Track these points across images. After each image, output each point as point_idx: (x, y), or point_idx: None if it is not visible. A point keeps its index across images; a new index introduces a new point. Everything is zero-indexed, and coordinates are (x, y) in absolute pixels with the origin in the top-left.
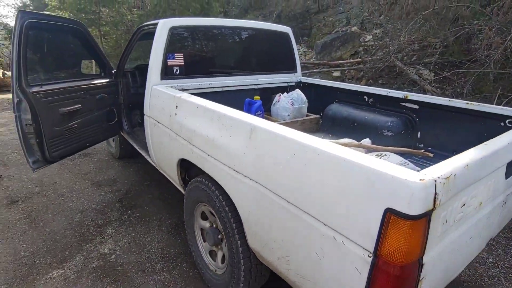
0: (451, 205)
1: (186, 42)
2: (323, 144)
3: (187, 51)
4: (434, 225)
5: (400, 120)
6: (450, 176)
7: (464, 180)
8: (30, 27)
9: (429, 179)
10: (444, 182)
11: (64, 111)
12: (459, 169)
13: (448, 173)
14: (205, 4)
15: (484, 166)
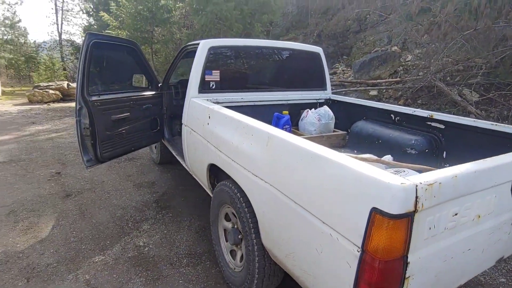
0: (439, 212)
1: (222, 60)
2: (323, 151)
3: (223, 68)
4: (419, 227)
5: (425, 138)
6: (434, 184)
7: (453, 189)
8: (94, 46)
9: (409, 184)
10: (427, 188)
11: (115, 118)
12: (446, 178)
13: (432, 180)
14: (247, 24)
15: (478, 180)
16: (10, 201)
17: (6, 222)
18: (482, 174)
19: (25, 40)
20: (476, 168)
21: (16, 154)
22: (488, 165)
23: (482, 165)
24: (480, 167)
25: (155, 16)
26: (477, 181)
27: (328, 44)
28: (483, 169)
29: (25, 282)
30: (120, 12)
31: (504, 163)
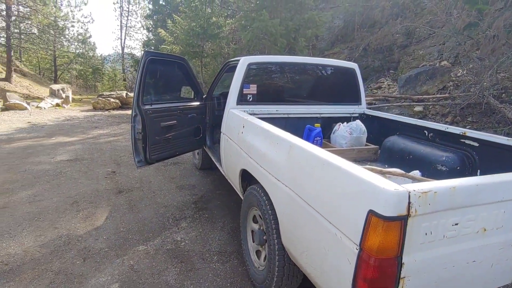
0: (436, 219)
1: (260, 75)
2: (333, 159)
3: (260, 82)
4: (414, 231)
5: (457, 156)
6: (428, 192)
7: (451, 200)
8: (150, 62)
9: (402, 190)
10: (420, 195)
11: (164, 125)
12: (443, 189)
13: (427, 189)
14: (291, 39)
15: (481, 193)
16: (74, 193)
17: (70, 211)
18: (485, 188)
19: (93, 54)
20: (478, 182)
21: (80, 154)
22: (492, 180)
23: (485, 180)
24: (483, 181)
25: (206, 32)
26: (480, 195)
27: (374, 58)
28: (487, 183)
29: (82, 261)
30: (175, 29)
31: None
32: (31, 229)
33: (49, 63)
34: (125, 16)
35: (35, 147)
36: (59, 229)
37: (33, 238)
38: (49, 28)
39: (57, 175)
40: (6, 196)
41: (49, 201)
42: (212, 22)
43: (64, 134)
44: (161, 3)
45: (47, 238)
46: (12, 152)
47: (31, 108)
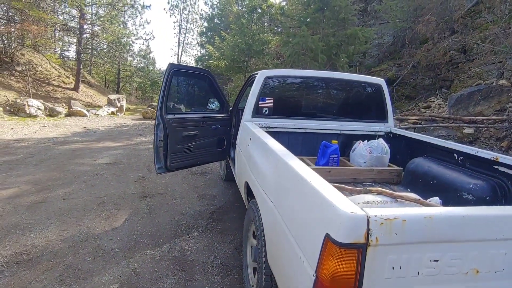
0: (407, 253)
1: (277, 88)
2: (308, 174)
3: (278, 96)
4: (376, 263)
5: (487, 184)
6: (394, 220)
7: (426, 231)
8: (174, 74)
9: (360, 214)
10: (383, 222)
11: (185, 134)
12: (415, 217)
13: (392, 215)
14: (332, 55)
15: (470, 228)
16: (104, 194)
17: (96, 210)
18: (476, 222)
19: (153, 68)
20: (466, 214)
21: (119, 158)
22: (486, 213)
23: (477, 211)
24: (474, 213)
25: (251, 48)
26: (468, 229)
27: (424, 76)
28: (477, 216)
29: (92, 259)
30: (221, 45)
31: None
32: (58, 223)
33: (113, 75)
34: (183, 34)
35: (83, 149)
36: (81, 226)
37: (57, 232)
38: (113, 45)
39: (94, 176)
40: (46, 192)
41: (80, 199)
42: (257, 38)
43: (111, 139)
44: (216, 21)
45: (69, 233)
46: (63, 153)
47: (89, 115)
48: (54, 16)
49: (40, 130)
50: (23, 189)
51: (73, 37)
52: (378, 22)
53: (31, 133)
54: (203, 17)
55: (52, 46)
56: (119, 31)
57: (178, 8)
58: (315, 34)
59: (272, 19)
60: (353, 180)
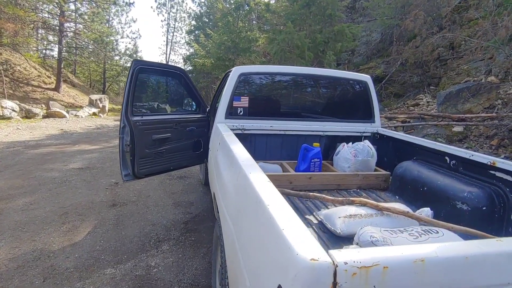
0: None
1: (253, 86)
2: (267, 194)
3: (254, 95)
4: None
5: (483, 192)
6: (371, 267)
7: (416, 281)
8: (140, 71)
9: (323, 261)
10: (356, 272)
11: (156, 137)
12: (401, 262)
13: (369, 261)
14: (319, 52)
15: (476, 270)
16: (69, 203)
17: (56, 222)
18: (483, 263)
19: None
20: (471, 252)
21: (93, 163)
22: (500, 250)
23: (485, 247)
24: (481, 250)
25: (237, 46)
26: (474, 273)
27: (413, 73)
28: (487, 254)
29: (41, 281)
30: (207, 43)
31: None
32: (10, 239)
33: (99, 75)
34: (171, 33)
35: (55, 153)
36: (36, 242)
37: (7, 250)
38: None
39: (61, 184)
40: (4, 203)
41: (41, 210)
42: (243, 36)
43: (88, 142)
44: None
45: (20, 251)
46: (32, 158)
47: (69, 116)
48: (33, 14)
49: (13, 133)
50: None
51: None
52: (366, 20)
53: (2, 137)
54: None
55: (32, 44)
56: (102, 29)
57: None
58: (301, 31)
59: (260, 17)
60: (336, 186)
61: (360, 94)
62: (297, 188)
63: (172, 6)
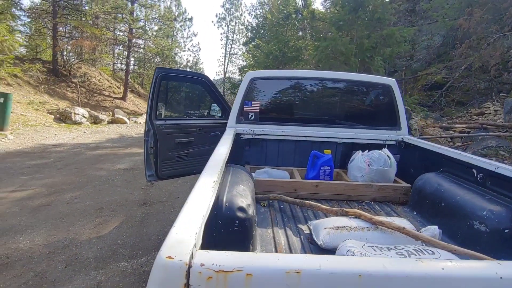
0: None
1: (266, 91)
2: (196, 194)
3: (266, 99)
4: None
5: (507, 211)
6: (232, 272)
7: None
8: (162, 78)
9: (177, 260)
10: (213, 276)
11: (179, 141)
12: (270, 270)
13: (232, 265)
14: (366, 58)
15: None
16: (106, 200)
17: (91, 216)
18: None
19: None
20: (365, 270)
21: (137, 164)
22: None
23: (393, 265)
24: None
25: (285, 54)
26: None
27: (479, 79)
28: (390, 274)
29: (63, 267)
30: (255, 52)
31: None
32: (50, 228)
33: None
34: (229, 45)
35: (108, 155)
36: (70, 232)
37: (45, 237)
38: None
39: (105, 182)
40: (55, 196)
41: (82, 204)
42: (292, 45)
43: (139, 145)
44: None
45: (55, 238)
46: (88, 158)
47: (129, 122)
48: (107, 32)
49: (79, 136)
50: (37, 191)
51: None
52: (427, 22)
53: (70, 139)
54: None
55: (106, 59)
56: (164, 43)
57: (225, 20)
58: (349, 37)
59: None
60: (347, 197)
61: (383, 99)
62: (303, 196)
63: (231, 19)
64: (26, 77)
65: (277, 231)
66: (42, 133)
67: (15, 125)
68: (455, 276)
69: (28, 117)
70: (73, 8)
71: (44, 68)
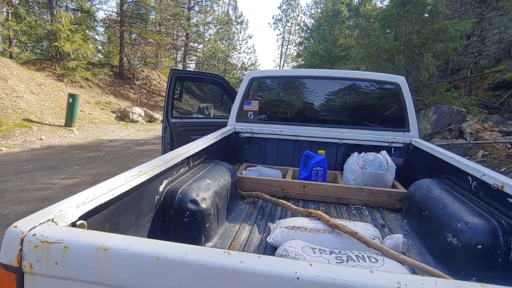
0: None
1: (266, 90)
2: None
3: (266, 99)
4: None
5: (483, 225)
6: (53, 243)
7: (97, 269)
8: (177, 79)
9: (17, 229)
10: (38, 245)
11: (194, 138)
12: (83, 245)
13: (54, 238)
14: (415, 55)
15: (167, 275)
16: None
17: None
18: (177, 270)
19: None
20: (163, 254)
21: None
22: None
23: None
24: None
25: (332, 54)
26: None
27: None
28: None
29: None
30: (302, 52)
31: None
32: None
33: None
34: (285, 46)
35: (152, 151)
36: None
37: None
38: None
39: None
40: None
41: None
42: (339, 44)
43: None
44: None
45: None
46: (134, 153)
47: None
48: (167, 37)
49: (133, 133)
50: (83, 180)
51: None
52: (498, 14)
53: (125, 135)
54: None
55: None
56: (217, 46)
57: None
58: (395, 33)
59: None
60: (335, 200)
61: (390, 98)
62: (290, 196)
63: (287, 20)
64: (96, 80)
65: (244, 227)
66: (102, 130)
67: (82, 122)
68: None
69: (94, 115)
70: (138, 17)
71: (111, 72)
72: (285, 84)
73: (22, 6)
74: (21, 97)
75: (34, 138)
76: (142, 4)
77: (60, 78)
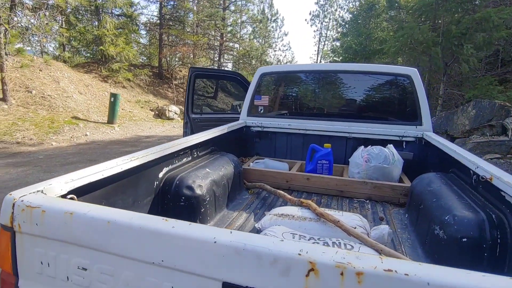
0: (52, 250)
1: (276, 85)
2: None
3: (276, 94)
4: (25, 253)
5: (470, 218)
6: (34, 208)
7: (66, 229)
8: (196, 76)
9: (12, 196)
10: (24, 209)
11: None
12: (55, 209)
13: (35, 203)
14: (453, 47)
15: (115, 237)
16: None
17: None
18: (126, 233)
19: None
20: (113, 218)
21: None
22: (137, 223)
23: (120, 217)
24: (119, 219)
25: (366, 48)
26: (117, 240)
27: None
28: (125, 224)
29: None
30: (335, 48)
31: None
32: None
33: None
34: (322, 42)
35: None
36: None
37: None
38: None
39: None
40: None
41: None
42: (375, 38)
43: None
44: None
45: None
46: None
47: None
48: (203, 37)
49: (168, 130)
50: None
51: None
52: None
53: (160, 132)
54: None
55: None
56: (251, 44)
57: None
58: (431, 23)
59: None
60: (338, 193)
61: (402, 91)
62: (294, 188)
63: (325, 15)
64: (137, 80)
65: (241, 214)
66: (140, 126)
67: (123, 119)
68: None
69: (134, 113)
70: (176, 19)
71: (151, 73)
72: (295, 79)
73: (73, 15)
74: (71, 97)
75: (80, 134)
76: (180, 7)
77: (105, 79)
